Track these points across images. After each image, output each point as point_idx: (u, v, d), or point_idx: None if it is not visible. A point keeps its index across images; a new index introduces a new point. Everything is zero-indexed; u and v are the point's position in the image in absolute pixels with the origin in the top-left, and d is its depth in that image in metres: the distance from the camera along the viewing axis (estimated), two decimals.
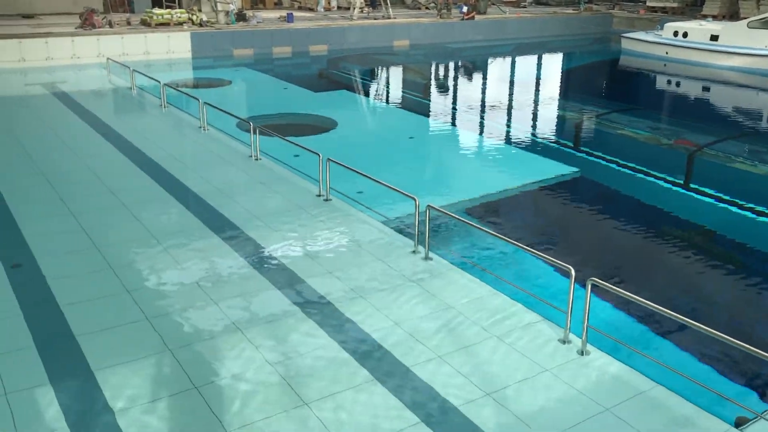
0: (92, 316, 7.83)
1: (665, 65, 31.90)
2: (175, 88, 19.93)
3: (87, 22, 27.71)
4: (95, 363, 6.91)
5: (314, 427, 6.08)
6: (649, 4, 42.88)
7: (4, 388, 6.49)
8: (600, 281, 7.02)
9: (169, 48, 27.98)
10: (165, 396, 6.45)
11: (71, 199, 11.60)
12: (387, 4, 35.81)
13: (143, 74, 20.68)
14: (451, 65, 34.21)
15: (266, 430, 6.02)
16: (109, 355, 7.07)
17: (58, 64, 25.53)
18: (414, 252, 9.65)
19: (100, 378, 6.67)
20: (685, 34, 31.95)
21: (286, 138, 13.08)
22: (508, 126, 20.82)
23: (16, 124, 17.07)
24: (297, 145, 12.63)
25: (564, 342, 7.43)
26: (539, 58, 36.54)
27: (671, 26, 32.88)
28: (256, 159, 13.94)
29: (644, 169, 15.79)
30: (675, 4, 41.37)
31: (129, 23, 29.34)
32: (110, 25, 28.32)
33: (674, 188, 14.97)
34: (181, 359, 7.02)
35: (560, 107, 24.42)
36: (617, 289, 7.04)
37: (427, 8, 41.24)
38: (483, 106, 24.19)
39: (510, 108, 23.90)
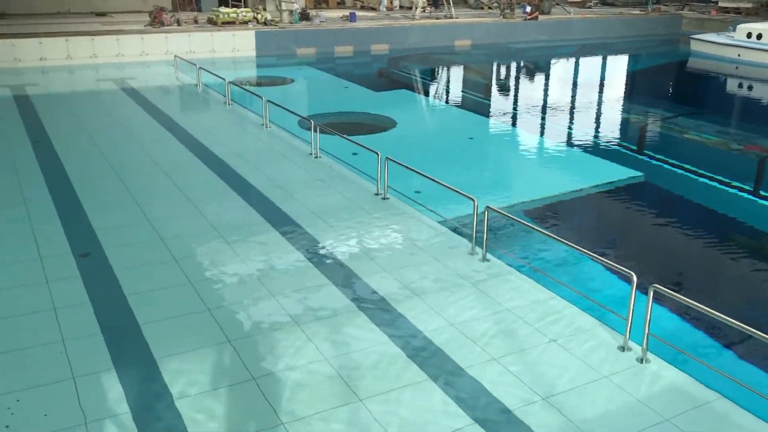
0: (156, 305, 8.07)
1: (737, 68, 30.83)
2: (239, 86, 20.31)
3: (156, 20, 28.52)
4: (158, 351, 7.12)
5: (368, 423, 6.12)
6: (721, 4, 41.50)
7: (72, 371, 6.75)
8: (662, 288, 6.86)
9: (234, 46, 28.54)
10: (224, 386, 6.59)
11: (138, 191, 11.96)
12: (449, 4, 35.69)
13: (209, 72, 21.16)
14: (513, 66, 33.87)
15: (321, 424, 6.09)
16: (171, 343, 7.27)
17: (127, 60, 26.35)
18: (471, 253, 9.60)
19: (162, 366, 6.87)
20: (759, 36, 30.79)
21: (345, 136, 13.20)
22: (570, 128, 20.49)
23: (87, 118, 17.70)
24: (356, 143, 12.72)
25: (623, 349, 7.28)
26: (604, 60, 35.84)
27: (744, 27, 31.75)
28: (316, 157, 14.09)
29: (712, 174, 15.32)
30: (749, 5, 39.93)
31: (196, 21, 30.07)
32: (178, 23, 29.06)
33: (743, 195, 14.47)
34: (240, 350, 7.16)
35: (625, 110, 23.88)
36: (680, 296, 6.86)
37: (489, 8, 40.92)
38: (545, 107, 23.87)
39: (573, 110, 23.51)
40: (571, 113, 22.83)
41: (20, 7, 32.53)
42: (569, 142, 18.63)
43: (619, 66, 34.69)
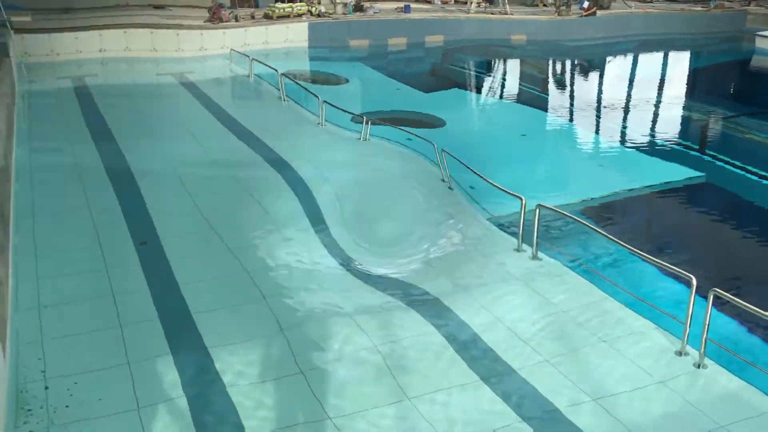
0: (210, 294, 8.20)
1: None
2: (291, 79, 20.43)
3: (215, 17, 28.92)
4: (210, 339, 7.24)
5: (416, 420, 6.11)
6: None
7: (127, 356, 6.92)
8: (723, 292, 6.66)
9: (287, 37, 28.74)
10: (273, 377, 6.66)
11: (194, 183, 12.15)
12: (504, 1, 35.24)
13: (262, 63, 21.35)
14: (568, 62, 33.29)
15: (368, 420, 6.10)
16: (224, 332, 7.38)
17: (186, 55, 26.78)
18: (520, 251, 9.48)
19: (215, 354, 6.98)
20: None
21: (400, 126, 13.17)
22: (627, 126, 20.03)
23: (147, 110, 18.09)
24: (413, 134, 12.62)
25: (680, 353, 7.09)
26: (664, 57, 34.91)
27: None
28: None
29: None
30: None
31: (253, 17, 30.41)
32: (236, 19, 29.43)
33: None
34: (291, 342, 7.22)
35: (684, 108, 23.21)
36: (741, 302, 6.64)
37: (545, 5, 40.25)
38: (600, 104, 23.39)
39: (630, 107, 22.97)
40: (628, 111, 22.32)
41: (84, 2, 33.36)
42: (626, 141, 18.22)
43: (678, 63, 33.75)
